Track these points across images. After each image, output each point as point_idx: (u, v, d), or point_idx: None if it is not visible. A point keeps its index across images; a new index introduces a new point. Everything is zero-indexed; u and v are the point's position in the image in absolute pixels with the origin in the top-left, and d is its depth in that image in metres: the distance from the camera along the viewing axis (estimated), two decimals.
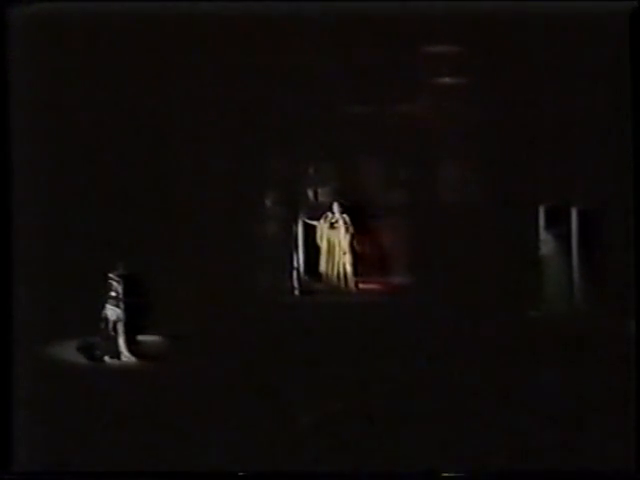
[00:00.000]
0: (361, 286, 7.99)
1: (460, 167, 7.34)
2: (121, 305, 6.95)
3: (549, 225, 7.07)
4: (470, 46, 6.60)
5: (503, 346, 6.56)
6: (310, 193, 7.83)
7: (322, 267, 7.96)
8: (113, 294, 6.93)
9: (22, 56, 5.89)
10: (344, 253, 7.96)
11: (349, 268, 7.98)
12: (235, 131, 6.89)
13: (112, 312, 6.90)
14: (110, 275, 6.90)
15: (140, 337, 6.98)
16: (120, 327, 6.91)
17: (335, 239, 7.97)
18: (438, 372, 6.35)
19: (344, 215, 7.87)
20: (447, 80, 7.00)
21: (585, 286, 6.90)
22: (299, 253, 7.88)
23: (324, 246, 7.96)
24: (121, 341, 6.90)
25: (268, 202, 7.49)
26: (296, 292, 7.85)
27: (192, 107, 6.74)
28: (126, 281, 6.92)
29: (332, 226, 7.94)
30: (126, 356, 6.87)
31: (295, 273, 7.80)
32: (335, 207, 7.86)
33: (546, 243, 7.09)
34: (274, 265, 7.57)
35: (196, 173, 6.93)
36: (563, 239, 7.05)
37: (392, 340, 6.75)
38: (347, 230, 7.93)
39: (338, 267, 7.99)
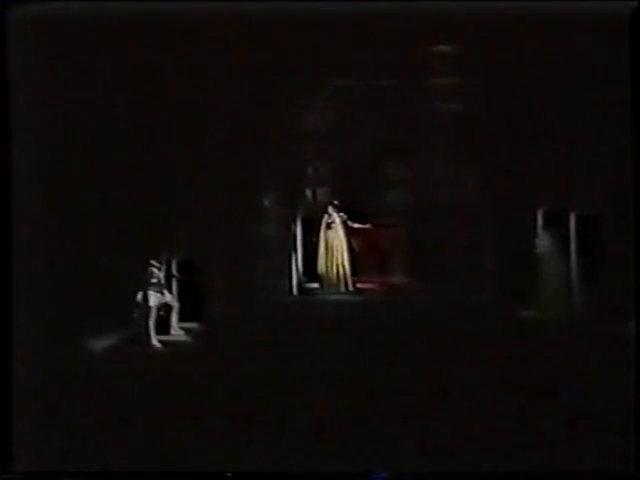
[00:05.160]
0: (359, 286, 8.01)
1: (459, 169, 7.36)
2: (164, 291, 7.02)
3: (547, 228, 7.08)
4: (470, 46, 6.60)
5: (502, 346, 6.57)
6: (309, 193, 7.85)
7: (321, 267, 7.97)
8: (154, 280, 6.97)
9: (22, 56, 5.87)
10: (342, 253, 7.97)
11: (347, 268, 7.99)
12: (235, 131, 6.90)
13: (154, 298, 6.95)
14: (152, 262, 6.95)
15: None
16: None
17: (333, 239, 7.98)
18: (436, 371, 6.35)
19: (341, 215, 7.88)
20: (446, 81, 7.01)
21: (584, 288, 6.92)
22: (298, 253, 7.90)
23: (322, 246, 7.98)
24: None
25: (267, 202, 7.51)
26: (294, 292, 7.87)
27: (192, 107, 6.75)
28: None
29: (329, 226, 7.95)
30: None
31: (294, 273, 7.82)
32: (333, 207, 7.87)
33: (544, 246, 7.11)
34: (273, 265, 7.58)
35: (195, 173, 6.93)
36: (561, 241, 7.07)
37: (391, 339, 6.76)
38: (345, 230, 7.94)
39: (337, 267, 8.00)
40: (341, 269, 8.03)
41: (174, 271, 7.23)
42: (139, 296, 7.01)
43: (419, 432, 5.85)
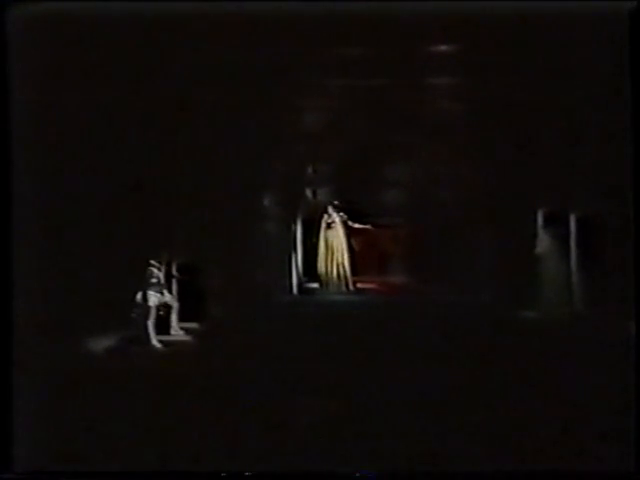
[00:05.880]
0: (359, 285, 8.01)
1: (459, 169, 7.36)
2: (164, 291, 7.03)
3: (547, 228, 7.08)
4: (469, 46, 6.60)
5: (502, 346, 6.57)
6: (309, 193, 7.85)
7: (321, 267, 7.98)
8: (154, 280, 6.99)
9: (22, 56, 5.87)
10: (342, 253, 7.97)
11: (347, 268, 8.00)
12: (235, 131, 6.90)
13: (154, 298, 6.96)
14: (152, 262, 6.97)
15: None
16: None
17: (333, 239, 7.99)
18: (436, 372, 6.35)
19: (342, 215, 7.88)
20: (446, 81, 7.01)
21: (584, 288, 6.92)
22: (298, 253, 7.90)
23: (322, 246, 7.98)
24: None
25: (267, 202, 7.51)
26: (294, 292, 7.87)
27: (192, 107, 6.75)
28: None
29: (329, 226, 7.96)
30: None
31: (294, 273, 7.82)
32: (333, 207, 7.87)
33: (544, 246, 7.11)
34: (273, 265, 7.58)
35: (195, 173, 6.93)
36: (561, 242, 7.07)
37: (390, 339, 6.76)
38: (345, 230, 7.94)
39: (337, 267, 8.00)
40: (341, 269, 8.03)
41: (174, 271, 7.24)
42: (139, 296, 7.02)
43: (419, 432, 5.85)
